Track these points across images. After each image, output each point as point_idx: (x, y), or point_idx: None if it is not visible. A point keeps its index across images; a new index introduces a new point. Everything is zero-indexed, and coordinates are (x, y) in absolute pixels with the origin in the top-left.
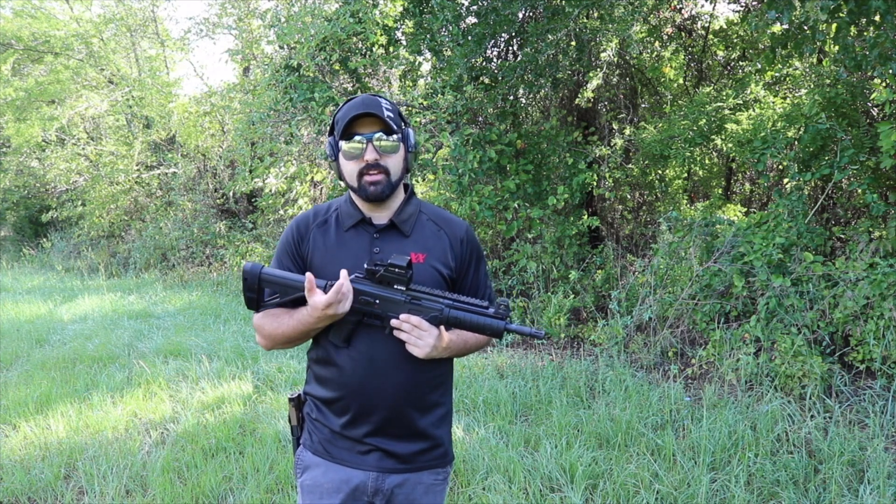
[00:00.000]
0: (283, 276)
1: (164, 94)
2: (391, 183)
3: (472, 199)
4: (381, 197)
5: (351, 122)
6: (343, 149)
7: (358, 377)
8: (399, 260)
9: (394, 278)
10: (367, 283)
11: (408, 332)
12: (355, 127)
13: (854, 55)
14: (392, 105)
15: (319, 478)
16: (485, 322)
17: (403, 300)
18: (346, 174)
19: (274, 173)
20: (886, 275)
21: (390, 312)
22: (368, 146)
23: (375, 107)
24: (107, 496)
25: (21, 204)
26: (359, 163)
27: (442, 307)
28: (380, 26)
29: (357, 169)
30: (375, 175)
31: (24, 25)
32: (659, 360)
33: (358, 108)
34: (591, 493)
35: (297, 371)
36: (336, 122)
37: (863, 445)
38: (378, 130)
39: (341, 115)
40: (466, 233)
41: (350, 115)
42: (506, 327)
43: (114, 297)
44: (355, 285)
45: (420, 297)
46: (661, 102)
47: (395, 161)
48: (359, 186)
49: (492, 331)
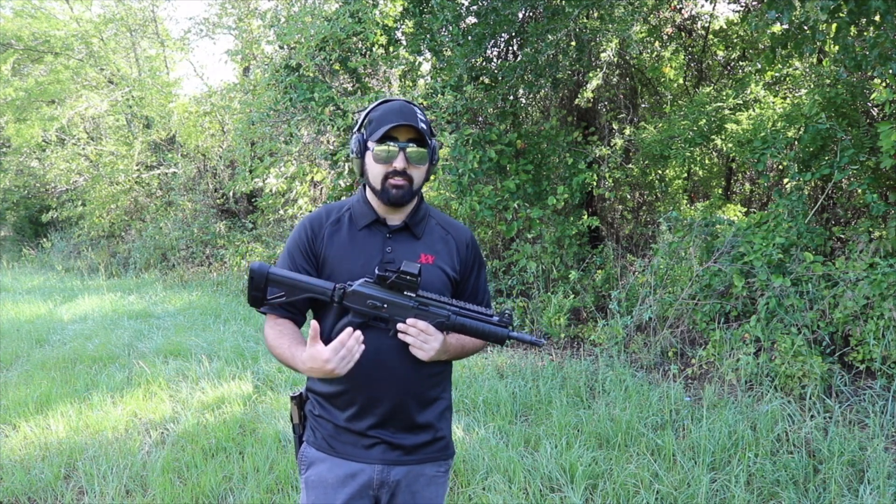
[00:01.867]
0: (292, 276)
1: (164, 94)
2: (412, 190)
3: (472, 199)
4: (401, 202)
5: (388, 128)
6: (374, 151)
7: (363, 370)
8: (410, 267)
9: (404, 285)
10: (377, 287)
11: (414, 336)
12: (390, 131)
13: (854, 55)
14: (425, 117)
15: (325, 473)
16: (489, 329)
17: (412, 305)
18: (370, 174)
19: (274, 173)
20: (886, 275)
21: (397, 316)
22: (400, 154)
23: (412, 117)
24: (107, 496)
25: (21, 204)
26: (386, 167)
27: (448, 313)
28: (380, 26)
29: (384, 172)
30: (400, 180)
31: (24, 25)
32: (659, 360)
33: (396, 116)
34: (591, 493)
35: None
36: (369, 120)
37: (863, 445)
38: (412, 140)
39: (377, 117)
40: (471, 239)
41: (387, 122)
42: (508, 335)
43: (114, 297)
44: (365, 290)
45: (428, 303)
46: (661, 102)
47: (420, 172)
48: (382, 189)
49: (495, 338)
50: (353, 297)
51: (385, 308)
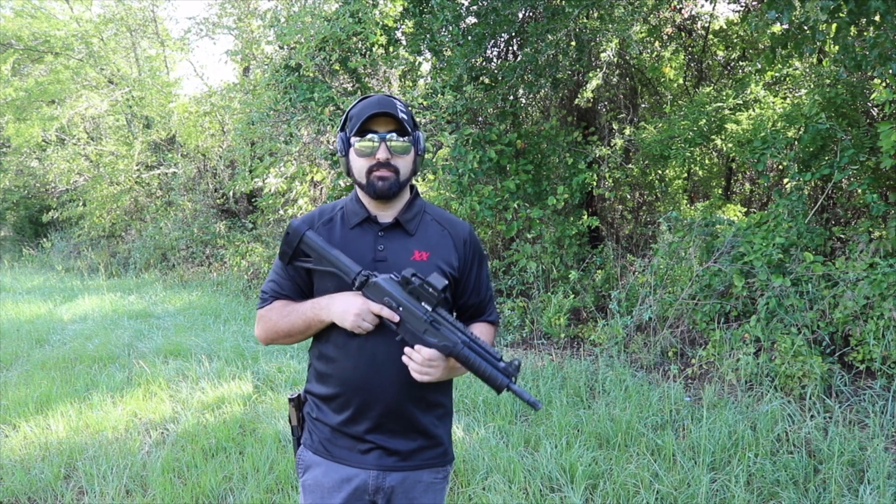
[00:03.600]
0: (324, 246)
1: (164, 94)
2: (399, 182)
3: (472, 199)
4: (388, 193)
5: (366, 120)
6: (356, 146)
7: (360, 373)
8: (437, 281)
9: (425, 295)
10: (399, 287)
11: (418, 364)
12: (370, 125)
13: (854, 55)
14: (406, 107)
15: (320, 477)
16: (490, 373)
17: (425, 318)
18: (355, 170)
19: (274, 173)
20: (886, 275)
21: (408, 323)
22: (381, 145)
23: (391, 107)
24: (107, 496)
25: (21, 204)
26: (370, 160)
27: (457, 342)
28: (379, 26)
29: (367, 166)
30: (385, 172)
31: (24, 25)
32: (659, 360)
33: (374, 107)
34: (591, 493)
35: (297, 371)
36: (350, 117)
37: (863, 445)
38: (392, 130)
39: (356, 112)
40: (469, 234)
41: (366, 113)
42: (508, 385)
43: (114, 297)
44: (386, 286)
45: (442, 323)
46: (661, 102)
47: (405, 162)
48: (367, 182)
49: (493, 384)
50: (373, 288)
51: (400, 311)
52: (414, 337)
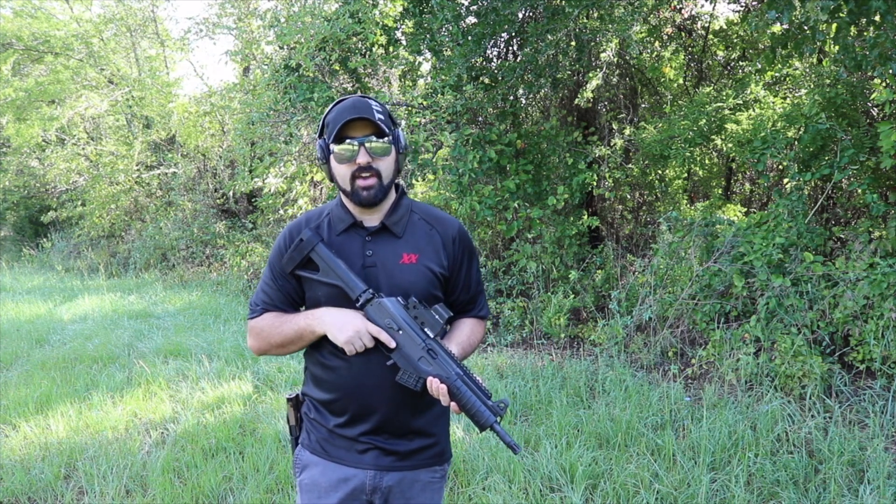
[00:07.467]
0: (334, 259)
1: (164, 94)
2: (383, 186)
3: (472, 199)
4: (373, 202)
5: (343, 126)
6: (334, 152)
7: (355, 379)
8: (445, 310)
9: (429, 322)
10: (403, 310)
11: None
12: (346, 130)
13: (854, 55)
14: (382, 106)
15: (317, 476)
16: (477, 408)
17: (422, 345)
18: (338, 177)
19: (274, 173)
20: (886, 275)
21: (405, 348)
22: (361, 149)
23: (366, 110)
24: (107, 496)
25: (21, 204)
26: (350, 166)
27: (451, 374)
28: (379, 26)
29: (349, 172)
30: (368, 179)
31: (24, 25)
32: (659, 360)
33: (349, 112)
34: (591, 493)
35: (296, 371)
36: (326, 124)
37: (863, 445)
38: (369, 133)
39: (332, 118)
40: (459, 231)
41: (341, 120)
42: (491, 425)
43: (114, 297)
44: (391, 307)
45: (438, 352)
46: (661, 102)
47: (386, 163)
48: (352, 191)
49: (478, 420)
50: (377, 308)
51: (400, 333)
52: (407, 363)
